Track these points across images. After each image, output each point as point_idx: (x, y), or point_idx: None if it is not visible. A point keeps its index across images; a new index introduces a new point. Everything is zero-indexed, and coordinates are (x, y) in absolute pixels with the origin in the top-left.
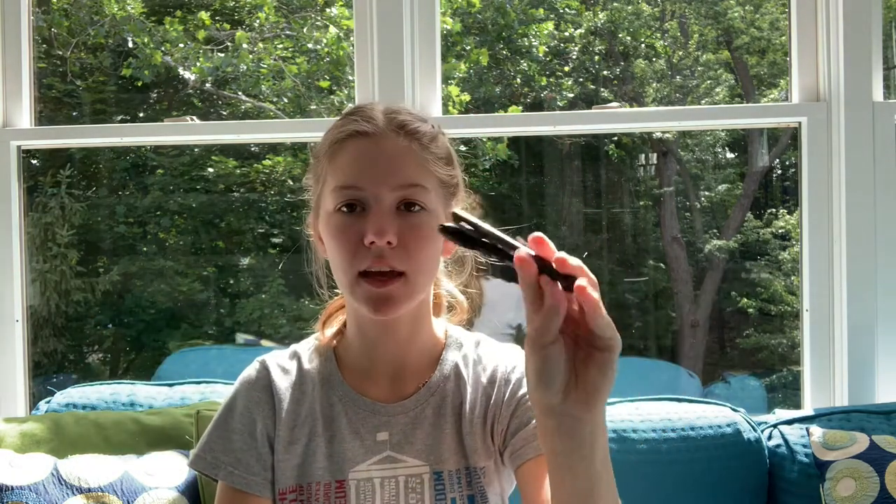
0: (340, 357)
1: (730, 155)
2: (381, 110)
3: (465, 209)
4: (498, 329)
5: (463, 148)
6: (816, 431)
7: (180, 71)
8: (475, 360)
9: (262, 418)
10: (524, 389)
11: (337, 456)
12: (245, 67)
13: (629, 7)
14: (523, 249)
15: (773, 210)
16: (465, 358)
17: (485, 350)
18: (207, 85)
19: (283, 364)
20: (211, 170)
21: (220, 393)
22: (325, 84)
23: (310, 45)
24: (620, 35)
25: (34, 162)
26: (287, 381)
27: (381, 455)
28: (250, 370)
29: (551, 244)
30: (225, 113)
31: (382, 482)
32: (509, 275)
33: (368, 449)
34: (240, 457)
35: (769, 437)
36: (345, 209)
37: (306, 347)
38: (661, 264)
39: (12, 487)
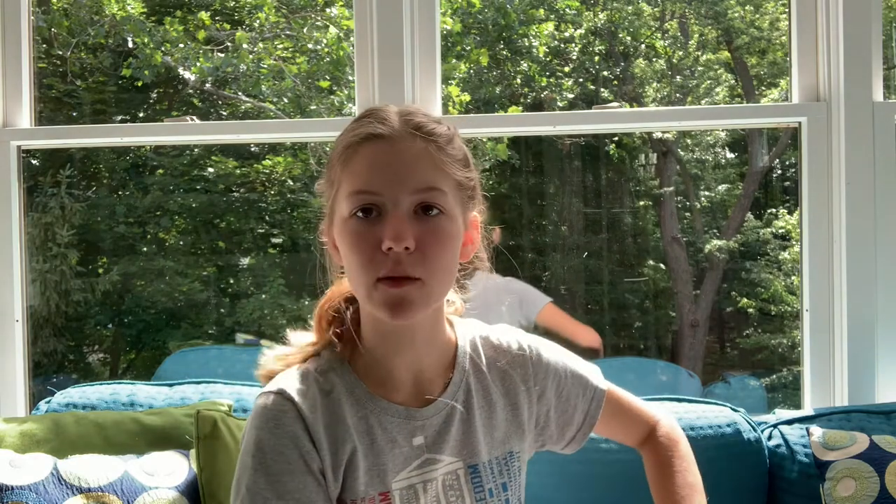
0: (356, 369)
1: (730, 155)
2: (396, 112)
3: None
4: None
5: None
6: (816, 431)
7: (180, 71)
8: (484, 347)
9: (306, 452)
10: (566, 369)
11: (377, 468)
12: (245, 67)
13: (629, 7)
14: None
15: (773, 210)
16: (475, 349)
17: (487, 334)
18: (207, 85)
19: (301, 389)
20: (211, 170)
21: (220, 393)
22: (325, 84)
23: (310, 45)
24: (620, 35)
25: (34, 162)
26: (313, 406)
27: (420, 459)
28: (272, 405)
29: None
30: (225, 113)
31: (425, 486)
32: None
33: (407, 456)
34: (300, 496)
35: (769, 437)
36: (360, 214)
37: (313, 366)
38: (661, 264)
39: (12, 487)
